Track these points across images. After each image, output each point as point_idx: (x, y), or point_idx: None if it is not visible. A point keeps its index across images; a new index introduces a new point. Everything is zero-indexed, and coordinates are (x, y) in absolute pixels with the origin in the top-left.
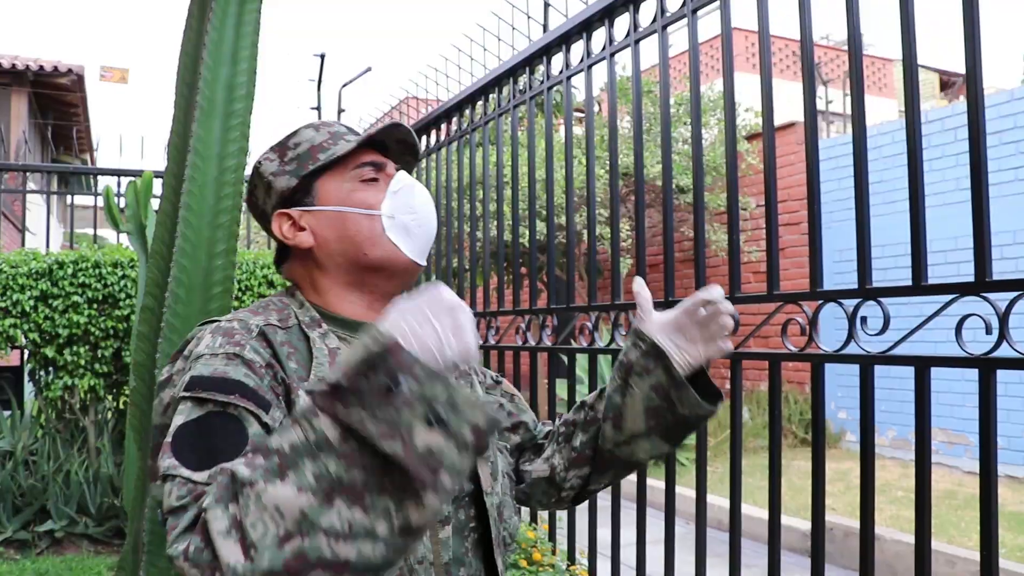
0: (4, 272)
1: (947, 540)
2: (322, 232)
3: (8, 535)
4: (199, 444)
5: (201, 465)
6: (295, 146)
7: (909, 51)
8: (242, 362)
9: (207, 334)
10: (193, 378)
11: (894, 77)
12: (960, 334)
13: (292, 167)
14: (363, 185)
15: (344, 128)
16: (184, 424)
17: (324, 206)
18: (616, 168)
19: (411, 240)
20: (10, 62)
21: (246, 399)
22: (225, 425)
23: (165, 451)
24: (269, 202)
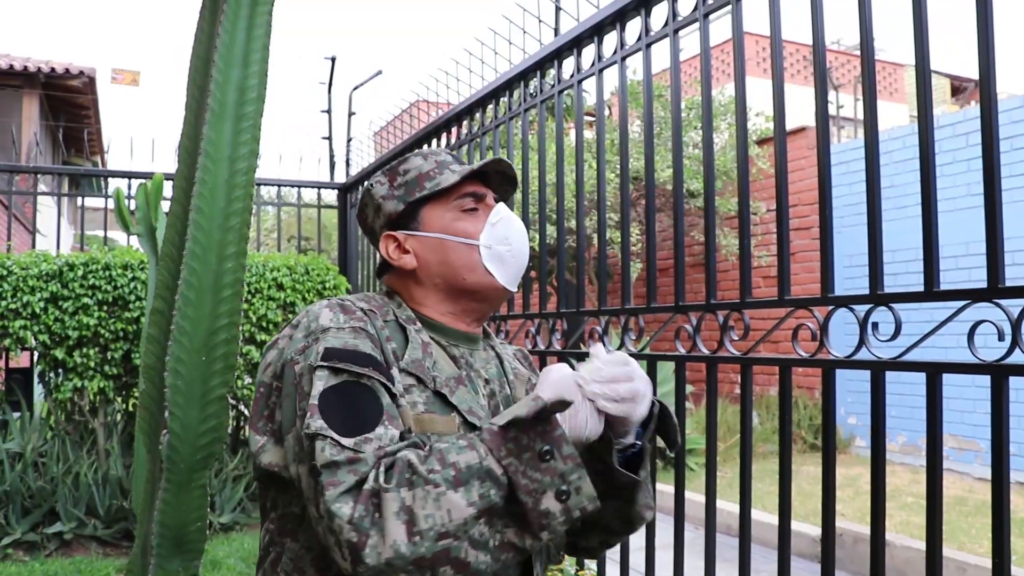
0: (15, 274)
1: (958, 547)
2: (424, 255)
3: (17, 537)
4: (343, 410)
5: (346, 430)
6: (404, 172)
7: (922, 57)
8: (367, 336)
9: (324, 310)
10: (328, 349)
11: (905, 82)
12: (972, 340)
13: (400, 192)
14: (464, 215)
15: (450, 158)
16: (327, 390)
17: (428, 232)
18: (627, 172)
19: (505, 269)
20: (22, 64)
21: (379, 372)
22: (362, 394)
23: (313, 412)
24: (378, 222)
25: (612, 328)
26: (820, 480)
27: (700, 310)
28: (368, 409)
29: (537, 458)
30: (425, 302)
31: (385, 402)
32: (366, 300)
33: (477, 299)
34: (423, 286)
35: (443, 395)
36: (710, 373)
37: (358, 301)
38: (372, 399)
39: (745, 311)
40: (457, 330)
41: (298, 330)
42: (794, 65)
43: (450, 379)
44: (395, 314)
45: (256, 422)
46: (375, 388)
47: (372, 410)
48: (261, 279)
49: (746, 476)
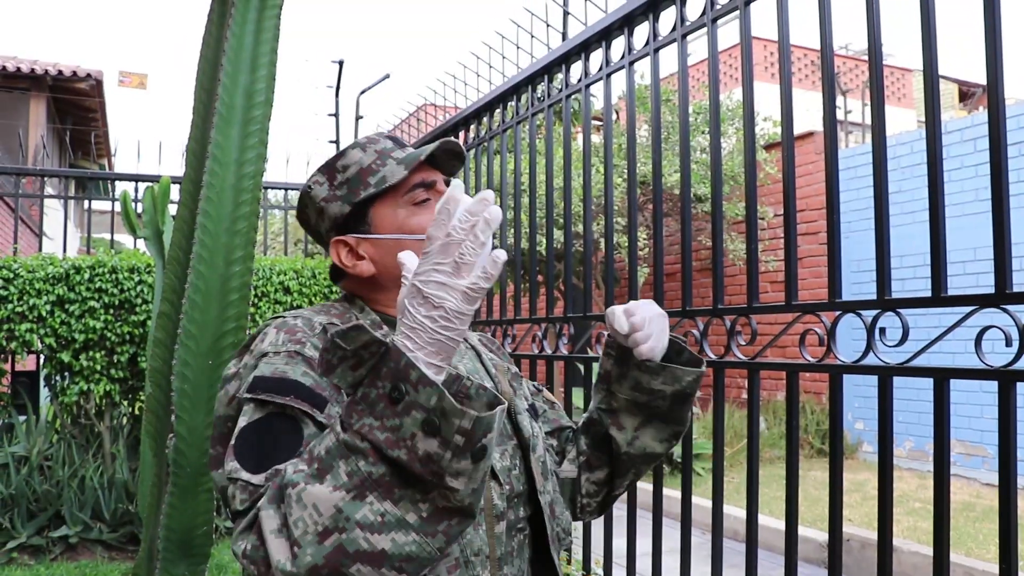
0: (21, 277)
1: (965, 552)
2: (382, 259)
3: (22, 540)
4: (258, 447)
5: (259, 468)
6: (344, 169)
7: (930, 62)
8: (302, 360)
9: (272, 330)
10: (255, 379)
11: (913, 87)
12: (980, 346)
13: (343, 192)
14: (417, 208)
15: (390, 143)
16: (245, 427)
17: (381, 234)
18: (634, 176)
19: None
20: (29, 67)
21: (301, 399)
22: (282, 426)
23: (230, 454)
24: (323, 225)
25: None
26: (827, 485)
27: (707, 315)
28: (285, 441)
29: (390, 403)
30: (388, 304)
31: (307, 432)
32: (325, 311)
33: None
34: (385, 290)
35: None
36: (717, 378)
37: (316, 315)
38: (293, 430)
39: (752, 316)
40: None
41: (252, 356)
42: (802, 70)
43: None
44: (357, 318)
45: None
46: (298, 418)
47: (290, 442)
48: (268, 283)
49: (753, 481)
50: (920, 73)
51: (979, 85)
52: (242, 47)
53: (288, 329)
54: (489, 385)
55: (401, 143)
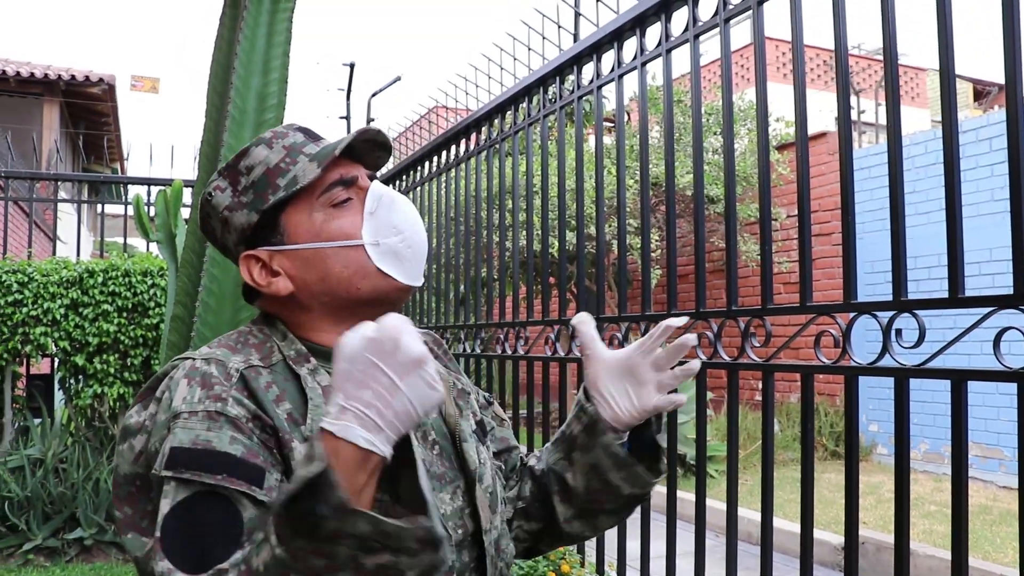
0: (35, 280)
1: (982, 556)
2: (300, 275)
3: (38, 543)
4: (191, 540)
5: (197, 567)
6: (248, 170)
7: (946, 61)
8: (226, 421)
9: (182, 381)
10: (174, 451)
11: (927, 86)
12: (998, 347)
13: (249, 198)
14: (336, 211)
15: (301, 136)
16: (171, 513)
17: (296, 243)
18: (647, 178)
19: (403, 264)
20: (42, 72)
21: (235, 478)
22: (214, 510)
23: (157, 549)
24: (229, 237)
25: (632, 334)
26: (841, 488)
27: (721, 316)
28: (222, 532)
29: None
30: (316, 327)
31: (247, 515)
32: (240, 343)
33: (376, 305)
34: (308, 310)
35: None
36: (731, 379)
37: (231, 354)
38: (229, 514)
39: (766, 317)
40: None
41: (160, 407)
42: (814, 70)
43: None
44: (280, 351)
45: (138, 521)
46: (233, 499)
47: (227, 533)
48: None
49: (768, 483)
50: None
51: (994, 84)
52: (254, 50)
53: (201, 380)
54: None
55: (314, 135)
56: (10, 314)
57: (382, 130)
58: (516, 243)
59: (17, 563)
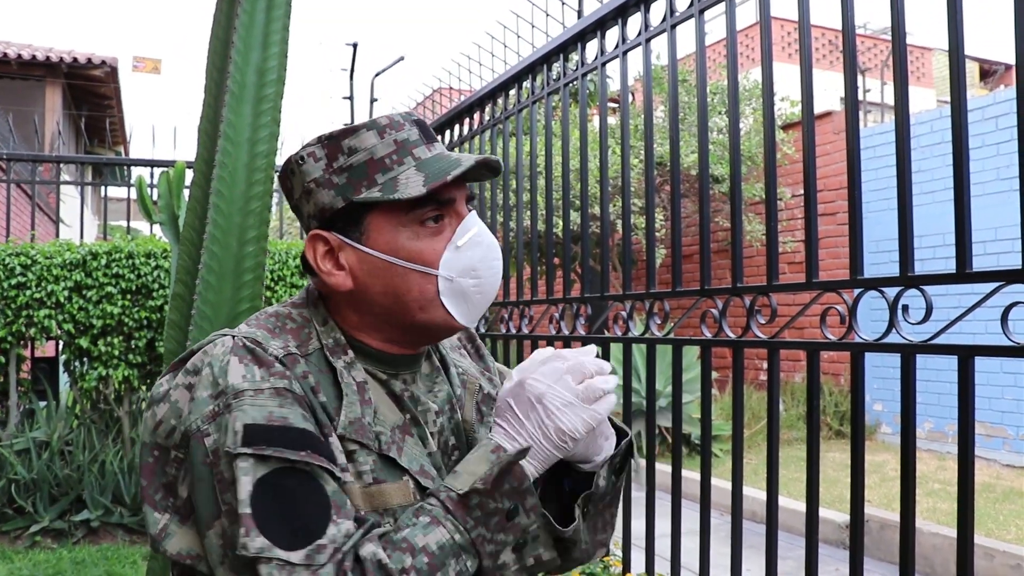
0: (39, 263)
1: (985, 533)
2: (365, 279)
3: (45, 524)
4: (284, 516)
5: (294, 543)
6: (350, 152)
7: (956, 39)
8: (294, 399)
9: (232, 359)
10: (249, 428)
11: (932, 66)
12: (1006, 323)
13: (342, 181)
14: (423, 229)
15: (415, 133)
16: (258, 489)
17: (373, 249)
18: (651, 157)
19: (467, 307)
20: (44, 54)
21: (317, 454)
22: (301, 487)
23: (250, 526)
24: (306, 207)
25: (637, 314)
26: (845, 466)
27: (726, 294)
28: (313, 507)
29: (504, 518)
30: (359, 327)
31: (330, 490)
32: (280, 330)
33: (424, 335)
34: (358, 311)
35: (391, 458)
36: (736, 358)
37: (271, 338)
38: (314, 491)
39: (772, 295)
40: (397, 356)
41: (199, 382)
42: (819, 50)
43: (395, 430)
44: (319, 339)
45: (152, 494)
46: (315, 474)
47: (318, 507)
48: (284, 266)
49: (773, 462)
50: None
51: (1000, 63)
52: (253, 24)
53: (255, 358)
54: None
55: (429, 135)
56: (14, 297)
57: (499, 161)
58: (520, 223)
59: (24, 545)
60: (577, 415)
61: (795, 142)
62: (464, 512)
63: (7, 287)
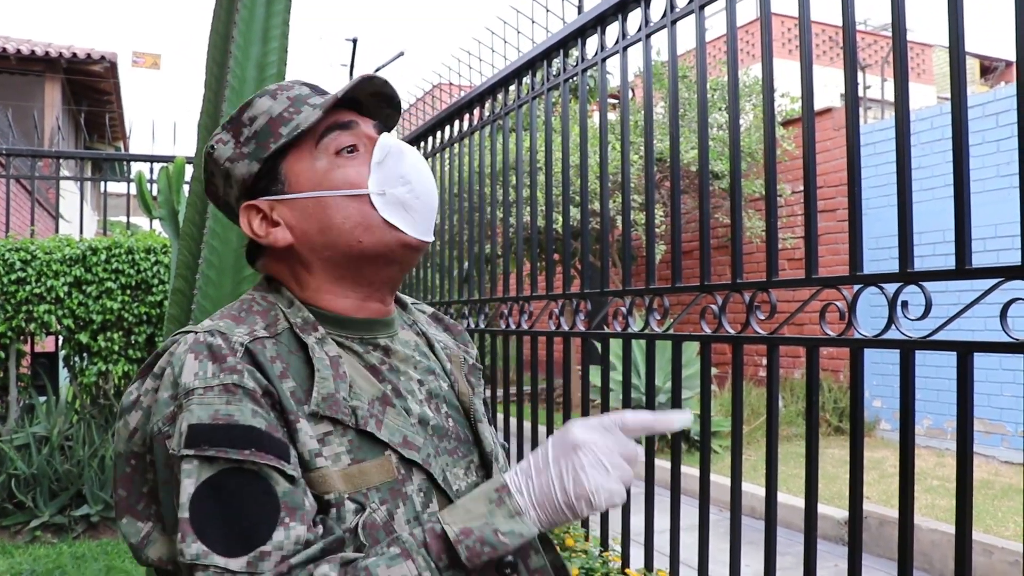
0: (39, 258)
1: (983, 529)
2: (300, 225)
3: (45, 519)
4: (225, 520)
5: (233, 548)
6: (251, 121)
7: (956, 36)
8: (244, 394)
9: (188, 356)
10: (194, 428)
11: (932, 63)
12: (1005, 319)
13: (251, 148)
14: (341, 159)
15: (307, 89)
16: (198, 494)
17: (297, 192)
18: (651, 153)
19: (411, 215)
20: (44, 50)
21: (264, 452)
22: (245, 488)
23: (187, 531)
24: (231, 192)
25: (636, 310)
26: (844, 463)
27: (726, 290)
28: (259, 510)
29: (495, 571)
30: (319, 288)
31: (280, 491)
32: (246, 313)
33: (383, 263)
34: (309, 268)
35: (369, 433)
36: (736, 353)
37: (235, 325)
38: (261, 492)
39: (771, 290)
40: (369, 319)
41: (162, 384)
42: (819, 46)
43: (373, 402)
44: (287, 319)
45: (134, 504)
46: (262, 474)
47: (264, 509)
48: None
49: (772, 458)
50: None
51: (1000, 60)
52: (253, 19)
53: (210, 354)
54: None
55: (320, 90)
56: (13, 292)
57: (388, 80)
58: (520, 219)
59: (25, 540)
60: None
61: (795, 138)
62: (442, 550)
63: (7, 282)
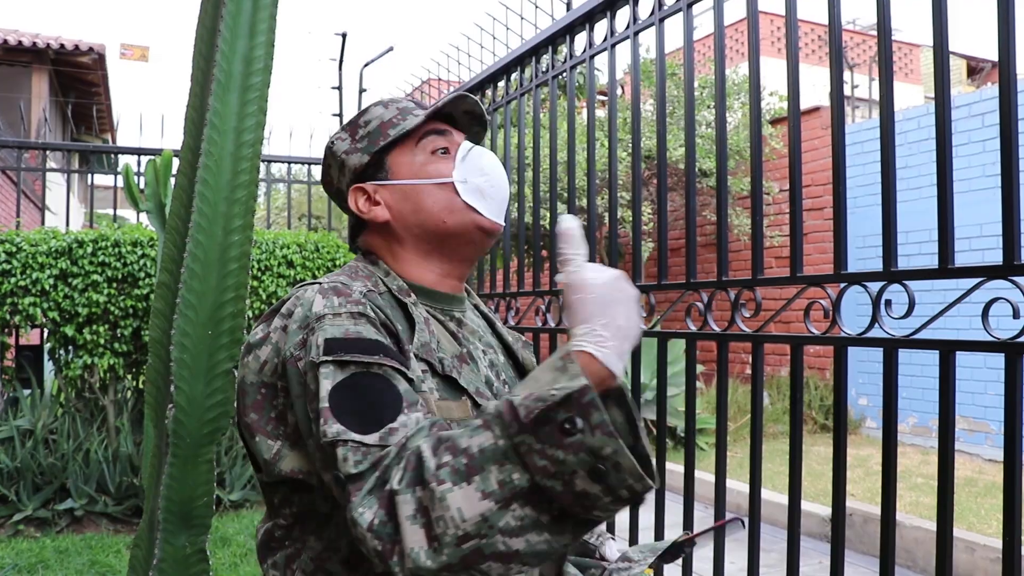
0: (24, 251)
1: (966, 527)
2: (397, 205)
3: (28, 513)
4: (358, 406)
5: (367, 427)
6: (365, 124)
7: (940, 36)
8: (368, 321)
9: (316, 295)
10: (329, 340)
11: (920, 62)
12: (987, 318)
13: (363, 144)
14: (434, 157)
15: (412, 104)
16: (336, 387)
17: (398, 179)
18: (639, 151)
19: (487, 201)
20: (31, 40)
21: (389, 358)
22: (374, 384)
23: (327, 417)
24: (344, 179)
25: None
26: (830, 460)
27: (711, 287)
28: (385, 399)
29: (559, 431)
30: (409, 261)
31: (402, 388)
32: (352, 273)
33: (463, 242)
34: (402, 242)
35: (452, 379)
36: (721, 351)
37: (352, 281)
38: (387, 387)
39: (757, 288)
40: (448, 294)
41: (291, 321)
42: (808, 45)
43: (453, 359)
44: (385, 284)
45: (264, 426)
46: (388, 375)
47: (390, 399)
48: (271, 256)
49: (756, 455)
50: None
51: (987, 60)
52: (240, 12)
53: (337, 291)
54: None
55: (423, 106)
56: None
57: (479, 101)
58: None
59: (7, 534)
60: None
61: (783, 136)
62: (513, 413)
63: None
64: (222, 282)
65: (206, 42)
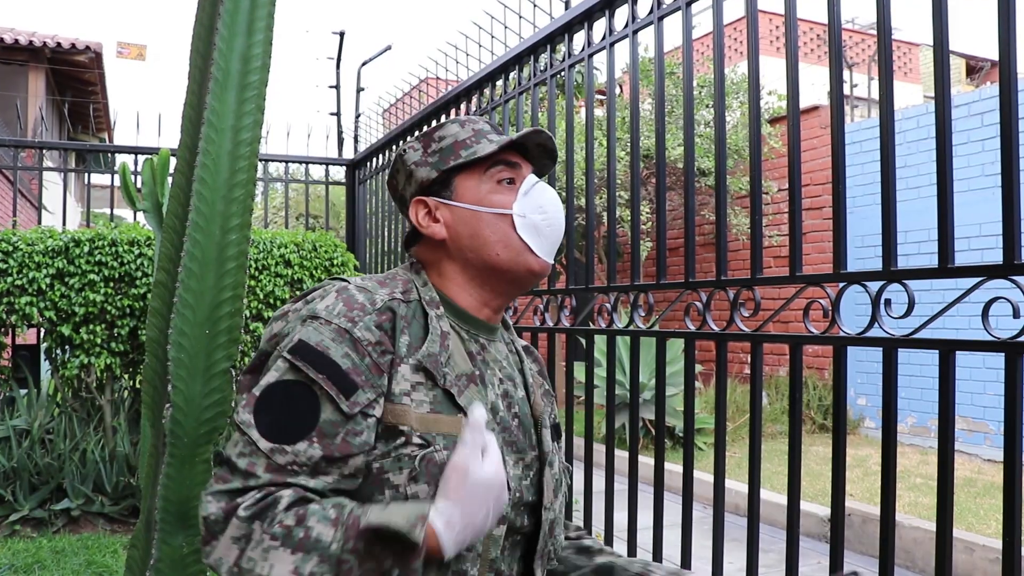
0: (20, 250)
1: (965, 527)
2: (455, 227)
3: (24, 513)
4: (276, 413)
5: (270, 434)
6: (440, 139)
7: (940, 35)
8: (349, 340)
9: (332, 293)
10: (300, 343)
11: (919, 62)
12: (987, 318)
13: (434, 159)
14: (499, 187)
15: (488, 127)
16: (275, 384)
17: (460, 202)
18: (637, 150)
19: (541, 240)
20: (28, 39)
21: (332, 383)
22: (304, 400)
23: (249, 403)
24: (409, 188)
25: (621, 306)
26: (828, 460)
27: (710, 287)
28: (301, 419)
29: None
30: (454, 281)
31: (323, 417)
32: (391, 280)
33: (509, 279)
34: (453, 261)
35: (451, 394)
36: (720, 350)
37: (380, 288)
38: (311, 409)
39: (756, 288)
40: (479, 320)
41: (307, 306)
42: (807, 44)
43: (461, 376)
44: (419, 292)
45: (251, 386)
46: (320, 398)
47: (304, 421)
48: (268, 256)
49: (755, 455)
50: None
51: (986, 60)
52: (238, 10)
53: (347, 300)
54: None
55: (499, 130)
56: None
57: (552, 136)
58: None
59: (4, 534)
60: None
61: (782, 136)
62: (355, 535)
63: None
64: (220, 281)
65: (204, 40)
